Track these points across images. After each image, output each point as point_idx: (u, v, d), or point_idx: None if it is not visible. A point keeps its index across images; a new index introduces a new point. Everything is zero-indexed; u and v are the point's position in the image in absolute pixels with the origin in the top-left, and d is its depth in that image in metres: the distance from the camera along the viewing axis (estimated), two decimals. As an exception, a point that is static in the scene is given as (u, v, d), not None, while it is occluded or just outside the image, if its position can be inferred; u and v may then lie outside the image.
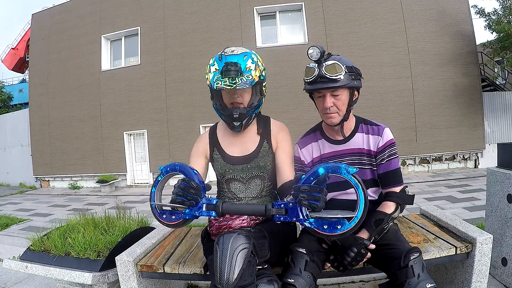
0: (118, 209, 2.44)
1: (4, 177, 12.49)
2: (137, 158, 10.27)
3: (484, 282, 1.43)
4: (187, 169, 1.11)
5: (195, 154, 1.47)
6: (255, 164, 1.38)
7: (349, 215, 0.97)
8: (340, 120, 1.32)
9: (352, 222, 0.97)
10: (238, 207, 1.15)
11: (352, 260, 1.21)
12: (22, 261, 1.84)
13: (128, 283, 1.50)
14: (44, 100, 10.94)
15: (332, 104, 1.29)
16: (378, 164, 1.37)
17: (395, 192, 1.35)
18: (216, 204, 1.08)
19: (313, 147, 1.45)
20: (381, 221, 1.27)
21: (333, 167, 0.98)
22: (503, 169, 1.90)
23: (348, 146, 1.40)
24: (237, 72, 1.21)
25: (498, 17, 8.29)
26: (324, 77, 1.24)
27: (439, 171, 8.71)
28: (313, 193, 0.97)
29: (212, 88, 1.25)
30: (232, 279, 0.96)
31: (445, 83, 8.58)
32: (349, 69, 1.27)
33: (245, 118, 1.32)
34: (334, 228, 0.98)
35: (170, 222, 1.13)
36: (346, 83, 1.25)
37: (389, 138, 1.37)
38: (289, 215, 1.03)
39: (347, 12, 8.74)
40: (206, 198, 1.10)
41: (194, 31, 9.39)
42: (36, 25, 11.43)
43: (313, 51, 1.25)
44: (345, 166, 0.99)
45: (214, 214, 1.09)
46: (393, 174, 1.36)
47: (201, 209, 1.09)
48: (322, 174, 0.97)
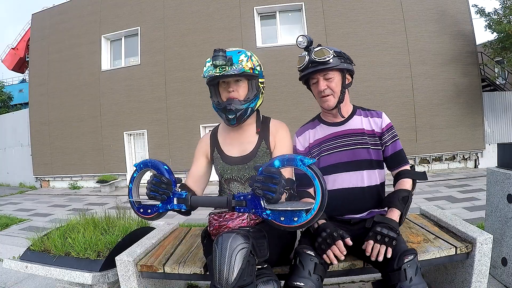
0: (118, 209, 2.44)
1: (4, 177, 12.49)
2: (137, 158, 10.27)
3: (484, 282, 1.43)
4: (158, 165, 1.18)
5: (197, 154, 1.49)
6: (253, 164, 1.38)
7: (306, 206, 0.97)
8: (335, 102, 1.39)
9: (309, 214, 0.97)
10: (204, 199, 1.20)
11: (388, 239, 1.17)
12: (22, 261, 1.84)
13: (128, 283, 1.50)
14: (44, 100, 10.94)
15: (325, 86, 1.37)
16: (383, 146, 1.44)
17: (407, 169, 1.42)
18: (185, 198, 1.14)
19: (309, 134, 1.50)
20: (407, 197, 1.31)
21: (288, 159, 1.00)
22: (503, 169, 1.89)
23: (348, 126, 1.45)
24: (224, 57, 1.24)
25: (499, 17, 8.29)
26: (314, 61, 1.34)
27: (439, 171, 8.71)
28: (268, 184, 0.98)
29: (205, 79, 1.31)
30: (231, 279, 0.96)
31: (445, 83, 8.58)
32: (338, 53, 1.37)
33: (239, 111, 1.33)
34: (291, 220, 0.99)
35: (146, 215, 1.21)
36: (336, 65, 1.34)
37: (389, 121, 1.48)
38: (248, 207, 1.06)
39: (347, 12, 8.74)
40: (177, 193, 1.15)
41: (194, 31, 9.39)
42: (36, 25, 11.43)
43: (302, 40, 1.35)
44: (301, 157, 0.99)
45: (184, 207, 1.15)
46: (400, 154, 1.44)
47: (172, 203, 1.15)
48: (277, 166, 0.99)
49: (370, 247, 1.18)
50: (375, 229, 1.20)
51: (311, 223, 0.98)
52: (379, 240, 1.17)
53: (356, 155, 1.40)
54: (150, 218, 1.21)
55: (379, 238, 1.17)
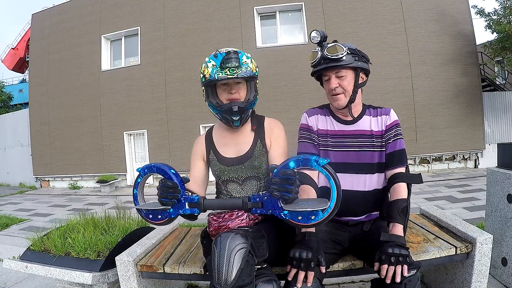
0: (118, 209, 2.44)
1: (4, 177, 12.49)
2: (137, 158, 10.28)
3: (484, 282, 1.43)
4: (164, 169, 1.13)
5: (194, 157, 1.48)
6: (250, 164, 1.38)
7: (322, 206, 0.99)
8: (346, 102, 1.33)
9: (326, 212, 0.99)
10: (218, 202, 1.19)
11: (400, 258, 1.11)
12: (22, 261, 1.84)
13: (128, 283, 1.50)
14: (44, 100, 10.95)
15: (337, 84, 1.31)
16: (386, 143, 1.37)
17: (401, 172, 1.33)
18: (198, 202, 1.12)
19: (319, 119, 1.44)
20: (407, 208, 1.24)
21: (303, 160, 1.00)
22: (503, 169, 1.89)
23: (356, 127, 1.39)
24: (238, 59, 1.24)
25: (499, 17, 8.29)
26: (326, 58, 1.28)
27: (439, 171, 8.71)
28: (285, 185, 0.99)
29: (212, 80, 1.27)
30: (230, 279, 0.96)
31: (445, 83, 8.59)
32: (352, 51, 1.30)
33: (244, 112, 1.32)
34: (308, 219, 1.00)
35: (157, 221, 1.18)
36: (349, 63, 1.28)
37: (396, 118, 1.40)
38: (264, 208, 1.06)
39: (347, 12, 8.75)
40: (189, 197, 1.13)
41: (194, 31, 9.39)
42: (36, 25, 11.43)
43: (315, 35, 1.31)
44: (316, 158, 1.00)
45: (197, 211, 1.13)
46: (399, 154, 1.35)
47: (184, 207, 1.12)
48: (292, 167, 1.00)
49: (384, 271, 1.11)
50: (386, 250, 1.11)
51: (327, 220, 1.01)
52: (393, 262, 1.10)
53: (361, 158, 1.36)
54: (161, 223, 1.18)
55: (394, 260, 1.10)
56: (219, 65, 1.26)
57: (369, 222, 1.39)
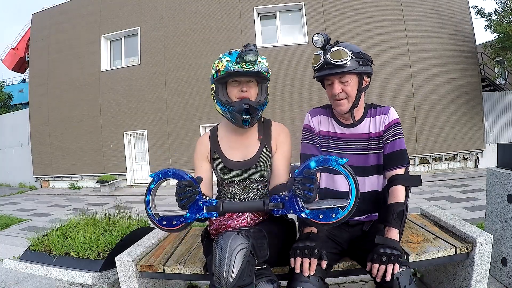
0: (118, 209, 2.44)
1: (4, 177, 12.49)
2: (137, 158, 10.28)
3: (484, 282, 1.43)
4: (179, 173, 1.12)
5: (198, 158, 1.44)
6: (256, 168, 1.37)
7: (342, 204, 1.02)
8: (349, 107, 1.30)
9: (346, 210, 1.01)
10: (238, 205, 1.17)
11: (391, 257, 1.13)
12: (22, 261, 1.84)
13: (128, 283, 1.50)
14: (44, 100, 10.95)
15: (340, 90, 1.28)
16: (384, 144, 1.34)
17: (400, 174, 1.29)
18: (217, 205, 1.10)
19: (321, 120, 1.43)
20: (403, 212, 1.22)
21: (324, 160, 1.03)
22: (503, 169, 1.89)
23: (356, 130, 1.38)
24: (255, 52, 1.19)
25: (499, 17, 8.29)
26: (329, 63, 1.24)
27: (439, 171, 8.71)
28: (307, 184, 1.01)
29: (227, 72, 1.22)
30: (231, 279, 0.96)
31: (445, 83, 8.59)
32: (356, 55, 1.25)
33: (254, 112, 1.29)
34: (329, 217, 1.03)
35: (172, 227, 1.14)
36: (353, 68, 1.24)
37: (395, 117, 1.35)
38: (286, 208, 1.07)
39: (347, 12, 8.75)
40: (207, 201, 1.11)
41: (194, 31, 9.40)
42: (36, 25, 11.43)
43: (317, 38, 1.24)
44: (335, 157, 1.02)
45: (216, 214, 1.11)
46: (398, 154, 1.31)
47: (202, 211, 1.10)
48: (313, 167, 1.02)
49: (375, 270, 1.12)
50: (378, 250, 1.13)
51: (346, 218, 1.02)
52: (384, 261, 1.11)
53: (360, 161, 1.35)
54: (176, 230, 1.14)
55: (385, 260, 1.11)
56: (235, 60, 1.22)
57: (369, 222, 1.39)
